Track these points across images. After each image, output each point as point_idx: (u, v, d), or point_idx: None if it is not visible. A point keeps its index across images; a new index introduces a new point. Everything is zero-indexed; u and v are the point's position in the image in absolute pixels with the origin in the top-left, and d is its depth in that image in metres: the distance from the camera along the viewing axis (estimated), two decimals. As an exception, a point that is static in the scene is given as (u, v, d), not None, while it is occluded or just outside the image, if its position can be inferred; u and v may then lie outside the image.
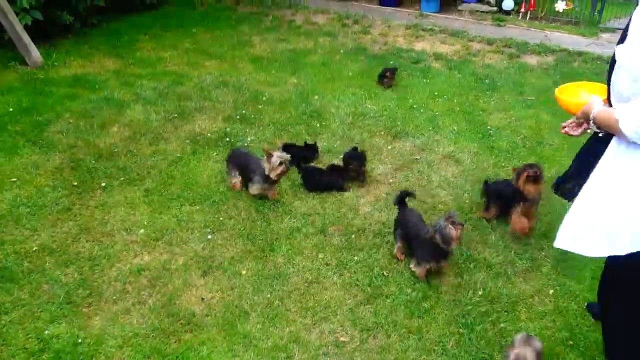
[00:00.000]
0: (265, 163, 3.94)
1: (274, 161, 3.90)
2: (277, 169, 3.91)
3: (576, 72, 6.84)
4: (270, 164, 3.91)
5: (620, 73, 1.99)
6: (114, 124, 5.34)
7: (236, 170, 4.22)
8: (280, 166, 3.90)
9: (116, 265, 3.52)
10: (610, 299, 2.46)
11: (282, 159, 3.91)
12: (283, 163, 3.91)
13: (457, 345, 2.97)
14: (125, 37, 7.88)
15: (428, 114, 5.68)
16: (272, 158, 3.90)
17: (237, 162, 4.22)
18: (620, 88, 1.99)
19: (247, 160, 4.17)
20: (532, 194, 3.60)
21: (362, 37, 8.27)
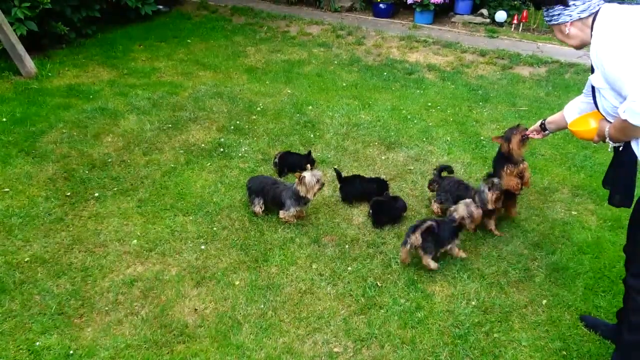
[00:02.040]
0: (299, 186, 3.83)
1: (309, 181, 3.81)
2: (315, 187, 3.84)
3: (568, 84, 6.90)
4: (307, 185, 3.81)
5: (604, 94, 2.29)
6: (107, 134, 5.33)
7: (260, 198, 4.08)
8: (317, 184, 3.84)
9: (109, 276, 3.51)
10: None
11: (317, 177, 3.84)
12: (319, 181, 3.85)
13: (450, 355, 2.96)
14: (119, 48, 7.90)
15: (421, 125, 5.71)
16: (307, 178, 3.81)
17: (259, 189, 4.08)
18: (608, 105, 2.29)
19: (273, 186, 4.04)
20: (521, 155, 3.79)
21: (356, 48, 8.32)
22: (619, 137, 2.32)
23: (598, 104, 2.40)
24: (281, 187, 4.01)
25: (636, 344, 2.46)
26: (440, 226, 3.53)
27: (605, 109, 2.35)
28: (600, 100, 2.35)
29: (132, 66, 7.24)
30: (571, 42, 2.48)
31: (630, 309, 2.44)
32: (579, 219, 4.18)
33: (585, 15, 2.34)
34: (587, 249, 3.83)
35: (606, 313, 3.26)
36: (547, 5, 2.44)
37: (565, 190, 4.55)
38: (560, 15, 2.40)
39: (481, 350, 3.00)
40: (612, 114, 2.31)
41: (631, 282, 2.46)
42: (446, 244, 3.58)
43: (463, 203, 3.63)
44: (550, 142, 5.33)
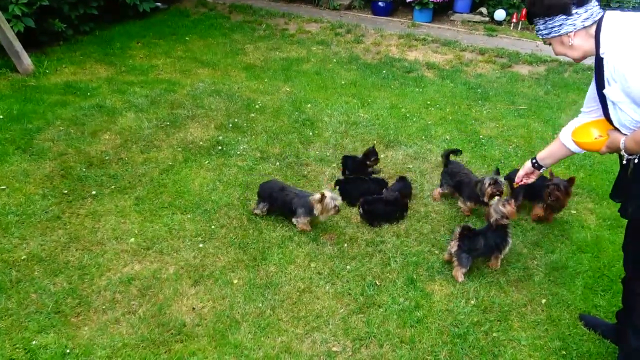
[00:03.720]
0: (316, 203, 3.68)
1: (327, 203, 3.66)
2: (330, 211, 3.69)
3: (567, 82, 6.89)
4: (323, 205, 3.67)
5: (622, 107, 2.17)
6: (105, 131, 5.30)
7: (265, 204, 4.01)
8: (333, 209, 3.69)
9: (106, 274, 3.48)
10: None
11: (335, 201, 3.68)
12: (336, 207, 3.70)
13: (449, 355, 2.95)
14: (117, 45, 7.86)
15: (420, 123, 5.70)
16: (326, 200, 3.65)
17: (266, 195, 4.00)
18: (626, 118, 2.20)
19: (282, 193, 3.93)
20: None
21: (355, 46, 8.30)
22: (638, 149, 2.23)
23: (613, 118, 2.28)
24: (291, 195, 3.89)
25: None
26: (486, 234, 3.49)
27: (622, 123, 2.25)
28: (617, 113, 2.24)
29: (129, 63, 7.21)
30: (574, 54, 2.35)
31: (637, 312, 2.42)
32: (578, 218, 4.17)
33: (589, 23, 2.22)
34: (586, 248, 3.82)
35: (605, 312, 3.25)
36: (546, 17, 2.29)
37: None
38: (562, 25, 2.26)
39: (480, 349, 2.99)
40: (630, 128, 2.23)
41: (637, 286, 2.44)
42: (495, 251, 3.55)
43: (492, 208, 3.51)
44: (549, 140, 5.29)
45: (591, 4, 2.22)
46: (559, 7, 2.23)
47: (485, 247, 3.46)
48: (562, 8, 2.22)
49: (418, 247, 3.80)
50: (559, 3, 2.22)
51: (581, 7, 2.21)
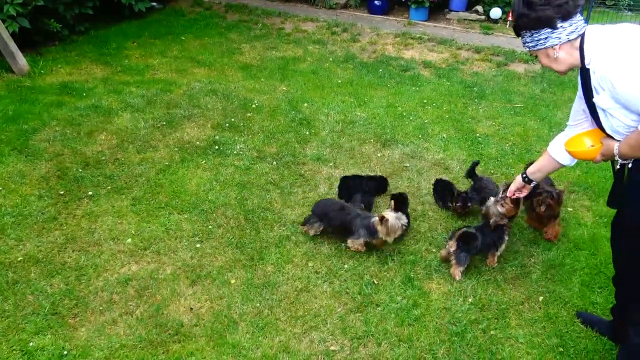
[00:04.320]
0: (378, 225, 3.48)
1: (392, 224, 3.43)
2: (397, 232, 3.48)
3: (563, 80, 6.89)
4: (389, 227, 3.45)
5: (613, 114, 2.22)
6: (101, 131, 5.29)
7: (320, 223, 3.78)
8: (400, 229, 3.48)
9: (103, 275, 3.47)
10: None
11: (402, 222, 3.48)
12: (403, 226, 3.50)
13: (447, 353, 2.96)
14: (113, 45, 7.84)
15: (417, 122, 5.70)
16: (390, 222, 3.43)
17: (322, 213, 3.77)
18: (619, 124, 2.24)
19: (341, 212, 3.72)
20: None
21: (351, 45, 8.30)
22: (633, 154, 2.26)
23: (605, 125, 2.32)
24: (352, 214, 3.67)
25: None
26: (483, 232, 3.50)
27: (615, 129, 2.28)
28: (609, 120, 2.28)
29: (125, 63, 7.19)
30: (559, 67, 2.40)
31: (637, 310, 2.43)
32: (575, 215, 4.18)
33: (574, 36, 2.27)
34: (583, 245, 3.83)
35: (603, 309, 3.26)
36: (533, 30, 2.33)
37: (561, 186, 4.53)
38: (547, 39, 2.31)
39: (478, 347, 2.99)
40: (623, 133, 2.26)
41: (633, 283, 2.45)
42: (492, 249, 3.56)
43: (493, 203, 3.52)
44: (546, 138, 5.33)
45: (576, 18, 2.27)
46: (544, 21, 2.27)
47: (483, 245, 3.47)
48: (547, 22, 2.27)
49: (415, 246, 3.80)
50: (545, 17, 2.26)
51: (566, 21, 2.26)
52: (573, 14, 2.26)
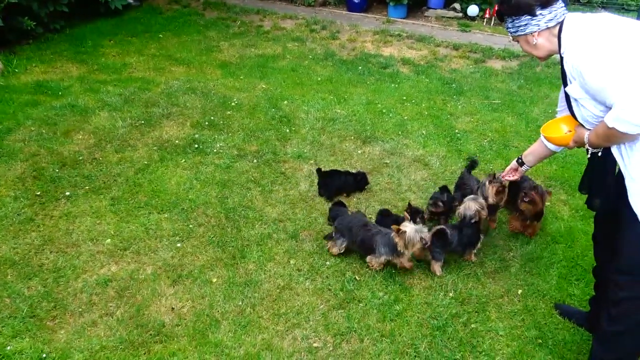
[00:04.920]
0: (398, 239, 3.32)
1: (411, 237, 3.29)
2: (416, 245, 3.32)
3: (539, 77, 7.00)
4: (405, 240, 3.30)
5: (583, 104, 2.28)
6: (78, 131, 5.21)
7: (344, 239, 3.59)
8: (419, 242, 3.32)
9: (82, 276, 3.43)
10: None
11: (421, 234, 3.33)
12: (422, 239, 3.33)
13: (429, 347, 2.99)
14: (89, 43, 7.71)
15: (397, 119, 5.73)
16: (408, 234, 3.29)
17: (346, 229, 3.59)
18: (588, 114, 2.31)
19: (364, 229, 3.55)
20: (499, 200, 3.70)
21: (330, 42, 8.30)
22: (600, 143, 2.33)
23: (576, 114, 2.39)
24: (374, 231, 3.52)
25: (615, 333, 2.52)
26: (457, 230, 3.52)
27: (585, 118, 2.35)
28: (579, 109, 2.35)
29: (102, 62, 7.09)
30: (538, 53, 2.47)
31: (611, 301, 2.49)
32: (552, 209, 4.25)
33: (552, 24, 2.34)
34: (560, 239, 3.89)
35: (580, 301, 3.33)
36: (513, 16, 2.41)
37: (538, 181, 4.59)
38: (527, 25, 2.38)
39: (459, 341, 3.03)
40: (592, 123, 2.32)
41: (611, 276, 2.51)
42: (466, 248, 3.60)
43: (470, 199, 3.56)
44: (523, 134, 5.41)
45: (555, 5, 2.34)
46: (524, 8, 2.36)
47: (459, 243, 3.53)
48: (527, 9, 2.36)
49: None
50: (524, 4, 2.36)
51: (545, 9, 2.34)
52: (553, 2, 2.33)
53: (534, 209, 3.69)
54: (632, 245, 2.33)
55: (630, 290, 2.38)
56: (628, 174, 2.25)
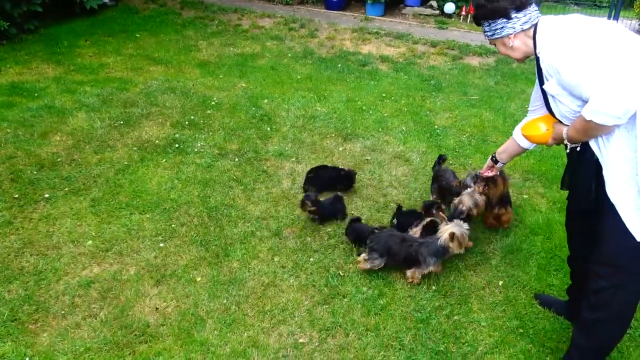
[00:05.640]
0: (450, 243, 3.30)
1: (461, 234, 3.30)
2: (466, 239, 3.35)
3: (515, 73, 7.12)
4: (461, 240, 3.31)
5: (561, 100, 2.34)
6: (55, 132, 5.14)
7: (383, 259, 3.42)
8: (467, 235, 3.35)
9: (64, 278, 3.39)
10: None
11: (464, 227, 3.35)
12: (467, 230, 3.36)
13: (413, 339, 3.03)
14: (64, 43, 7.61)
15: (377, 116, 5.78)
16: (458, 234, 3.30)
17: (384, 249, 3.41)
18: (566, 110, 2.36)
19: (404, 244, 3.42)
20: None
21: (309, 40, 8.32)
22: (579, 137, 2.38)
23: (555, 111, 2.44)
24: (416, 244, 3.41)
25: (595, 321, 2.58)
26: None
27: (563, 114, 2.40)
28: (557, 106, 2.40)
29: (78, 62, 6.99)
30: (515, 54, 2.54)
31: (591, 290, 2.56)
32: (530, 202, 4.33)
33: (527, 26, 2.42)
34: (538, 231, 3.98)
35: (559, 291, 3.40)
36: (490, 19, 2.48)
37: (516, 175, 4.70)
38: (503, 28, 2.46)
39: (443, 332, 3.08)
40: (570, 118, 2.38)
41: (591, 266, 2.58)
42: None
43: (467, 194, 3.61)
44: (501, 129, 5.50)
45: (530, 9, 2.43)
46: (500, 11, 2.45)
47: None
48: (502, 12, 2.44)
49: (379, 237, 3.86)
50: (500, 8, 2.44)
51: (520, 12, 2.43)
52: (527, 6, 2.42)
53: (497, 190, 3.73)
54: (612, 236, 2.39)
55: (610, 280, 2.44)
56: (605, 165, 2.31)
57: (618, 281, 2.43)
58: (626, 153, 2.22)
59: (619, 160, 2.25)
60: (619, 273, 2.42)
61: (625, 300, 2.48)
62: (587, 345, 2.66)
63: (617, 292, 2.45)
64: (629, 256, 2.37)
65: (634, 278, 2.42)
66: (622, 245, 2.34)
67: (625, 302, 2.49)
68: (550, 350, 2.99)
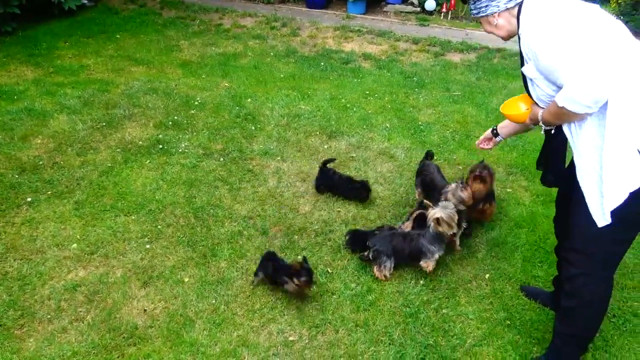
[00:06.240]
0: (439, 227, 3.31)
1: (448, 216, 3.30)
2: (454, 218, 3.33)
3: (496, 68, 7.19)
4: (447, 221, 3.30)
5: (538, 84, 2.38)
6: (37, 135, 5.06)
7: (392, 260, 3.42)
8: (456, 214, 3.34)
9: (49, 282, 3.35)
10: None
11: (450, 209, 3.34)
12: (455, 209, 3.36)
13: (403, 334, 3.05)
14: (43, 45, 7.49)
15: (361, 113, 5.79)
16: (444, 217, 3.28)
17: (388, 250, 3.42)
18: (542, 94, 2.39)
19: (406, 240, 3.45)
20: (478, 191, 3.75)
21: (291, 39, 8.30)
22: (552, 121, 2.43)
23: (531, 93, 2.48)
24: (415, 237, 3.43)
25: (570, 309, 2.63)
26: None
27: (539, 98, 2.44)
28: (534, 89, 2.44)
29: (58, 64, 6.90)
30: (499, 32, 2.56)
31: (565, 278, 2.61)
32: (514, 195, 4.39)
33: (511, 5, 2.42)
34: (523, 223, 4.03)
35: (544, 282, 3.46)
36: None
37: (500, 169, 4.75)
38: (487, 6, 2.46)
39: (432, 326, 3.11)
40: (546, 102, 2.41)
41: (563, 254, 2.63)
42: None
43: (450, 191, 3.59)
44: (483, 124, 5.55)
45: None
46: None
47: None
48: None
49: (366, 233, 3.88)
50: None
51: None
52: None
53: (485, 188, 3.74)
54: (578, 222, 2.44)
55: (580, 267, 2.49)
56: (576, 151, 2.36)
57: (587, 268, 2.48)
58: (597, 141, 2.25)
59: (589, 147, 2.28)
60: (586, 260, 2.47)
61: (595, 287, 2.52)
62: (568, 333, 2.70)
63: (587, 280, 2.50)
64: (593, 242, 2.41)
65: (601, 265, 2.47)
66: (587, 232, 2.38)
67: (596, 289, 2.53)
68: (537, 340, 3.03)
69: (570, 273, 2.56)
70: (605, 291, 2.57)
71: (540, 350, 2.95)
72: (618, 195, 2.19)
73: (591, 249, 2.44)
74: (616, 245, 2.44)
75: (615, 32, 2.23)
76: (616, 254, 2.49)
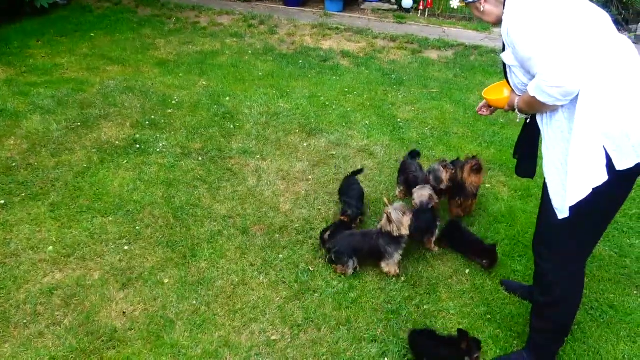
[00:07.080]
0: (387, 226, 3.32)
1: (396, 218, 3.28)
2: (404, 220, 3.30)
3: (473, 65, 7.25)
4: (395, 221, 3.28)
5: (514, 71, 2.42)
6: (9, 136, 4.94)
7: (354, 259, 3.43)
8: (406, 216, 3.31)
9: (24, 287, 3.27)
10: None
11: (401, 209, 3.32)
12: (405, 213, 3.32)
13: (385, 331, 3.06)
14: (15, 44, 7.32)
15: (340, 110, 5.79)
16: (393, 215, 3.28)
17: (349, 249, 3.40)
18: (518, 81, 2.44)
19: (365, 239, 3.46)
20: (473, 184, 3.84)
21: (269, 37, 8.26)
22: (526, 109, 2.46)
23: (509, 80, 2.52)
24: (374, 236, 3.41)
25: (544, 303, 2.66)
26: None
27: (515, 85, 2.47)
28: (511, 76, 2.47)
29: (31, 63, 6.74)
30: (487, 18, 2.57)
31: (536, 272, 2.65)
32: (493, 191, 4.43)
33: None
34: (501, 219, 4.07)
35: (523, 276, 3.50)
36: None
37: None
38: None
39: (413, 322, 3.12)
40: (521, 90, 2.44)
41: (535, 248, 2.67)
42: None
43: (420, 188, 3.65)
44: (461, 121, 5.60)
45: None
46: None
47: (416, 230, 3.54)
48: None
49: (347, 231, 3.87)
50: None
51: None
52: None
53: (477, 181, 3.82)
54: (544, 214, 2.48)
55: (549, 261, 2.52)
56: (545, 143, 2.39)
57: (555, 262, 2.51)
58: (565, 134, 2.27)
59: (557, 139, 2.30)
60: (553, 253, 2.50)
61: (566, 283, 2.55)
62: (544, 328, 2.73)
63: (557, 275, 2.53)
64: (557, 234, 2.44)
65: (568, 258, 2.50)
66: (551, 224, 2.41)
67: (567, 284, 2.55)
68: (517, 334, 3.07)
69: (542, 269, 2.60)
70: (577, 286, 2.60)
71: (520, 344, 2.98)
72: (581, 190, 2.18)
73: (554, 241, 2.47)
74: (582, 238, 2.45)
75: (597, 24, 2.25)
76: (583, 247, 2.52)
